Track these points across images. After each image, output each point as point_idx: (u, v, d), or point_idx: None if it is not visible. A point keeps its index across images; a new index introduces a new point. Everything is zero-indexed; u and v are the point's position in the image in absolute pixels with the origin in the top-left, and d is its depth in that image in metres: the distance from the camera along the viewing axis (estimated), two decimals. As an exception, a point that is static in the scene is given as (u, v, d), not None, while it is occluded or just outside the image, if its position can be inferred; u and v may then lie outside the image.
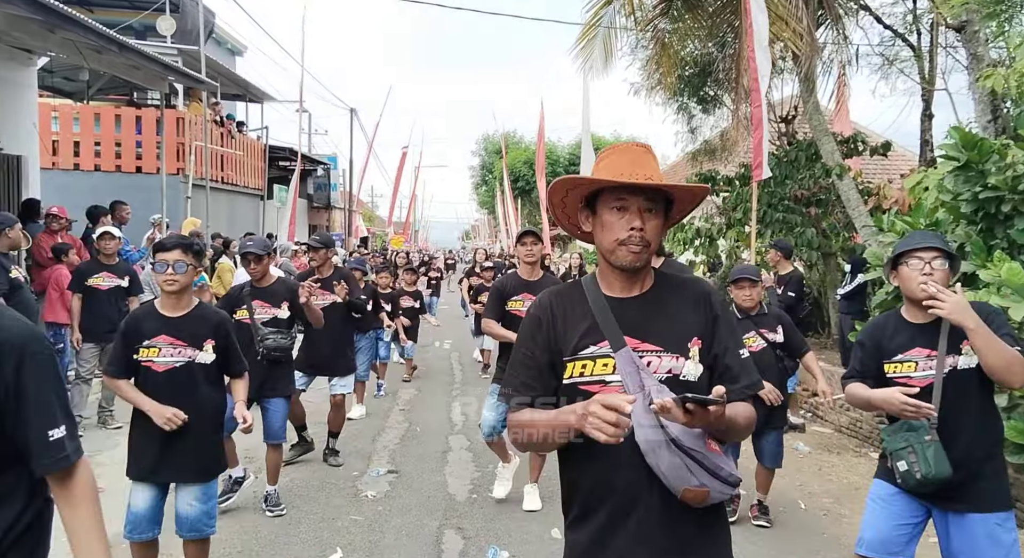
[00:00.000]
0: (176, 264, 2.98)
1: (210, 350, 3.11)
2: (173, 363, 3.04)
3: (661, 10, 10.86)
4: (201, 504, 3.12)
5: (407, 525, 4.43)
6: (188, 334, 3.07)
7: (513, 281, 4.69)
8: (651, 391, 1.58)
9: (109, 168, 12.55)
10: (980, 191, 4.95)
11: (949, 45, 10.05)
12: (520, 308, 4.52)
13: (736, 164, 12.12)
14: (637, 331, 1.67)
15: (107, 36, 7.02)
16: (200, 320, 3.13)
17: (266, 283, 4.64)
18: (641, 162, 1.67)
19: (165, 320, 3.07)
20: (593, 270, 1.86)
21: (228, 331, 3.22)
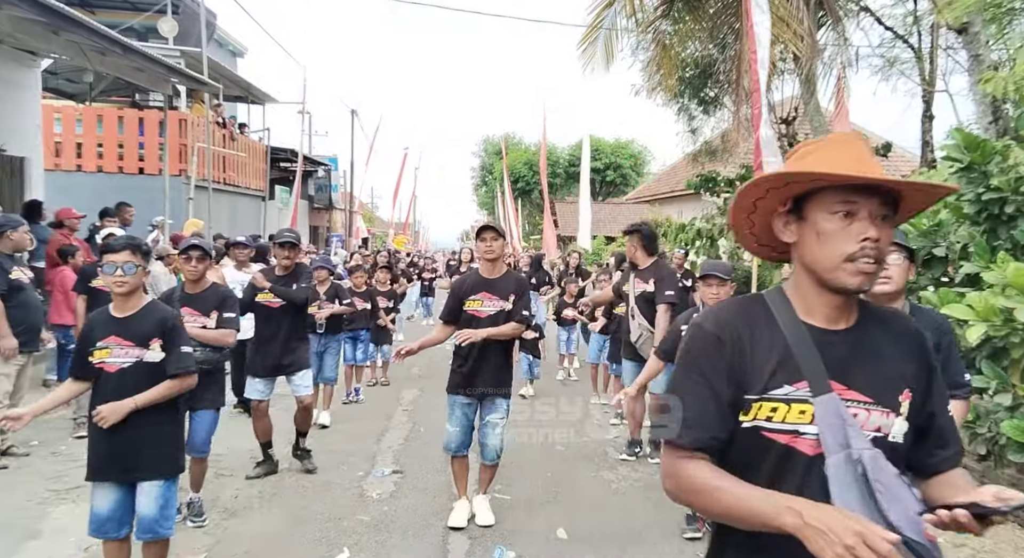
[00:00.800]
0: (125, 265, 3.01)
1: (157, 349, 3.10)
2: (122, 363, 3.05)
3: (662, 12, 10.91)
4: (155, 503, 3.10)
5: (413, 525, 4.45)
6: (136, 334, 3.08)
7: (472, 279, 4.43)
8: (862, 456, 1.26)
9: (112, 169, 12.57)
10: (983, 192, 4.97)
11: (949, 46, 10.10)
12: (479, 308, 4.32)
13: (737, 165, 12.15)
14: (844, 375, 1.34)
15: (111, 38, 7.05)
16: (148, 320, 3.13)
17: (200, 288, 4.34)
18: (867, 158, 1.33)
19: (116, 321, 3.09)
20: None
21: (173, 328, 3.17)
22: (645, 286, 5.56)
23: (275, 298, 5.10)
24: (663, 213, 22.66)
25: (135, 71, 8.57)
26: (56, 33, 6.94)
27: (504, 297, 4.33)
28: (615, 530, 4.44)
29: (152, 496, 3.08)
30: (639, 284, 5.62)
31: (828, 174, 1.30)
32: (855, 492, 1.25)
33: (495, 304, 4.32)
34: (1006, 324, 4.08)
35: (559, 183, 36.49)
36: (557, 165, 36.54)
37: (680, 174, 19.19)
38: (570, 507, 4.82)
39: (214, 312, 4.28)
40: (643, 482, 5.38)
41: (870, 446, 1.29)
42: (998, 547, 4.34)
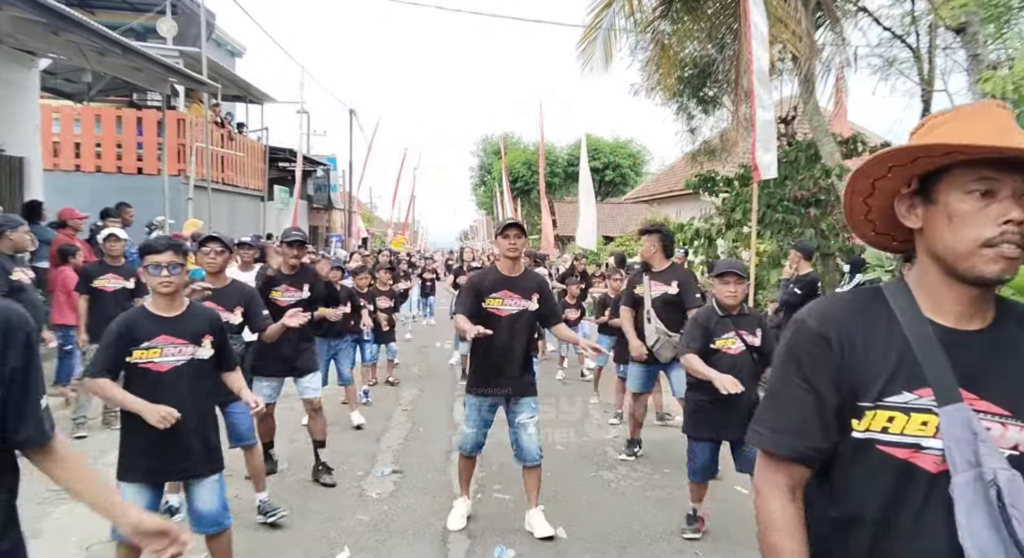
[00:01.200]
0: (170, 266, 3.03)
1: (208, 346, 3.17)
2: (175, 362, 3.08)
3: (660, 12, 10.92)
4: (217, 497, 3.17)
5: (413, 525, 4.46)
6: (188, 332, 3.13)
7: (492, 276, 4.31)
8: (997, 476, 1.10)
9: (110, 169, 12.58)
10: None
11: (947, 46, 10.12)
12: (499, 306, 4.21)
13: (735, 165, 12.16)
14: (976, 383, 1.17)
15: (110, 38, 7.06)
16: (197, 318, 3.20)
17: (221, 282, 4.38)
18: (1012, 129, 1.14)
19: (162, 320, 3.10)
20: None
21: (222, 327, 3.29)
22: (666, 288, 5.39)
23: (285, 297, 5.04)
24: (661, 213, 22.67)
25: (134, 71, 8.59)
26: (56, 33, 6.96)
27: (526, 296, 4.24)
28: (614, 530, 4.46)
29: (214, 491, 3.16)
30: (657, 286, 5.44)
31: (968, 145, 1.11)
32: (985, 518, 1.09)
33: (516, 303, 4.23)
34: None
35: (558, 183, 36.52)
36: (556, 165, 36.57)
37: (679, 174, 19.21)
38: (569, 507, 4.84)
39: (238, 308, 4.27)
40: (642, 482, 5.40)
41: (1006, 466, 1.11)
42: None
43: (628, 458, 5.85)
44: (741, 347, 4.08)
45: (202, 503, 3.15)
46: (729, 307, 4.12)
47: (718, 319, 4.11)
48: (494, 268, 4.40)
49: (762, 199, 9.79)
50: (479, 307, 4.20)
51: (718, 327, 4.10)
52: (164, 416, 2.93)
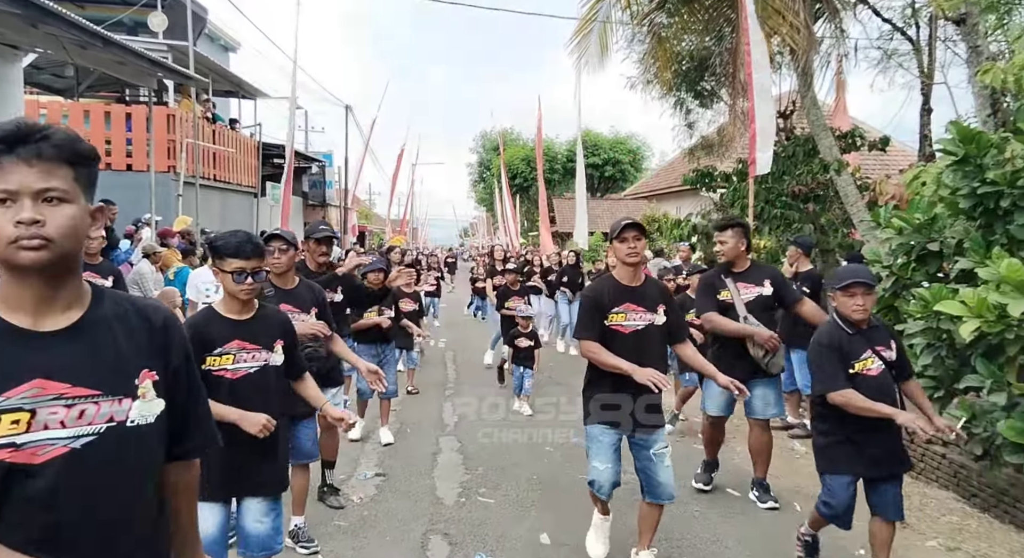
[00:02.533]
0: (256, 272, 2.87)
1: (280, 351, 2.97)
2: (248, 368, 2.88)
3: (657, 4, 10.75)
4: (271, 520, 2.97)
5: (392, 531, 4.33)
6: (260, 336, 2.93)
7: (610, 286, 3.74)
8: None
9: (99, 166, 12.40)
10: (978, 186, 4.83)
11: (948, 39, 9.95)
12: (623, 322, 3.65)
13: (733, 160, 12.01)
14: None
15: (90, 30, 6.91)
16: (268, 321, 3.01)
17: (289, 282, 4.01)
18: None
19: (235, 324, 2.91)
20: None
21: (293, 329, 3.09)
22: (759, 290, 4.74)
23: None
24: (660, 209, 22.52)
25: (118, 65, 8.43)
26: (35, 26, 6.80)
27: (651, 308, 3.70)
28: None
29: (272, 512, 2.95)
30: (747, 289, 4.75)
31: None
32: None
33: (642, 317, 3.68)
34: (1000, 320, 3.96)
35: (557, 179, 36.37)
36: (555, 161, 36.43)
37: (678, 170, 19.04)
38: (555, 511, 4.70)
39: (313, 309, 3.96)
40: (629, 486, 5.23)
41: None
42: (993, 550, 4.22)
43: (705, 488, 5.08)
44: (880, 366, 3.49)
45: (257, 523, 2.94)
46: (858, 322, 3.50)
47: (848, 338, 3.49)
48: (610, 277, 3.86)
49: (760, 194, 9.65)
50: (603, 325, 3.66)
51: (853, 348, 3.48)
52: (264, 424, 2.78)
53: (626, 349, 3.58)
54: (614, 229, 3.71)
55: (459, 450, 6.03)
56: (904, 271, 5.35)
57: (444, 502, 4.83)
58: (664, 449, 3.72)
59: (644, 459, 3.72)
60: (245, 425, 2.76)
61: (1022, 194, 4.63)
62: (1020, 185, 4.64)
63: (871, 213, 7.82)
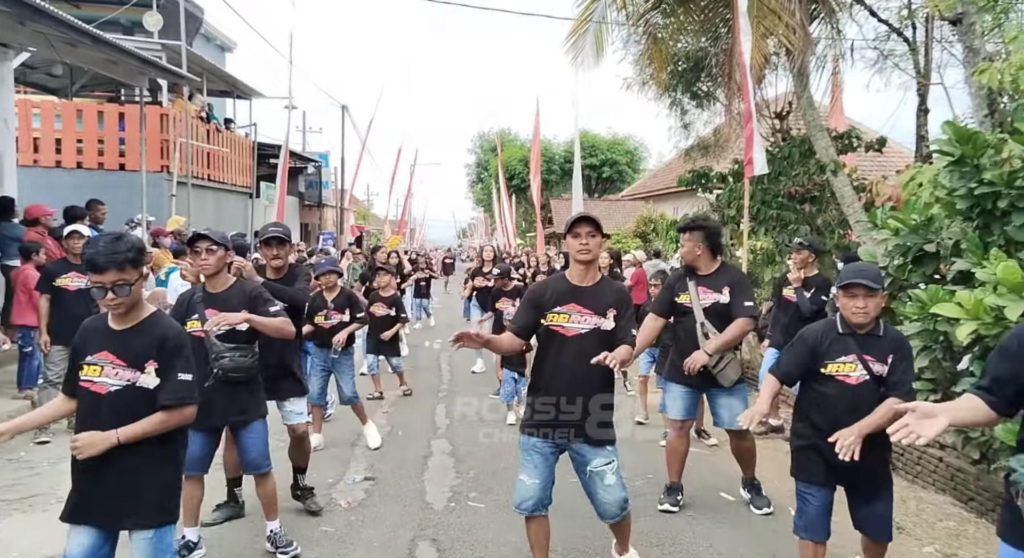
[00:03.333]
0: (117, 286, 2.49)
1: (152, 373, 2.59)
2: (112, 386, 2.57)
3: (653, 4, 10.70)
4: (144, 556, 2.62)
5: (379, 536, 4.25)
6: (129, 351, 2.58)
7: (557, 285, 3.46)
8: None
9: (92, 165, 12.34)
10: (976, 187, 4.77)
11: (944, 39, 9.91)
12: (565, 324, 3.35)
13: (730, 161, 11.96)
14: None
15: (79, 28, 6.83)
16: (144, 335, 2.61)
17: (221, 285, 3.75)
18: None
19: (111, 334, 2.61)
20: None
21: (174, 349, 2.63)
22: (717, 296, 4.54)
23: None
24: (658, 210, 22.47)
25: (109, 64, 8.35)
26: (22, 23, 6.72)
27: (600, 311, 3.35)
28: (593, 540, 4.24)
29: (141, 549, 2.61)
30: (707, 294, 4.58)
31: None
32: None
33: (587, 320, 3.35)
34: (997, 323, 3.90)
35: (555, 180, 36.31)
36: (553, 162, 36.37)
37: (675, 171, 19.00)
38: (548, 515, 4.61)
39: (244, 311, 3.64)
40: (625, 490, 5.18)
41: None
42: (989, 556, 4.15)
43: (672, 509, 4.70)
44: (863, 375, 3.15)
45: None
46: (857, 325, 3.19)
47: (836, 337, 3.24)
48: (560, 275, 3.53)
49: (756, 195, 9.60)
50: (537, 324, 3.39)
51: (833, 346, 3.23)
52: (77, 447, 2.49)
53: (568, 353, 3.33)
54: (566, 224, 3.39)
55: (450, 453, 5.96)
56: (901, 272, 5.30)
57: (434, 507, 4.76)
58: (605, 466, 3.37)
59: (583, 476, 3.45)
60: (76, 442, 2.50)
61: (1020, 195, 4.57)
62: (1018, 185, 4.58)
63: (868, 214, 7.77)
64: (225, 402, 3.71)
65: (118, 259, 2.48)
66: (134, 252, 2.53)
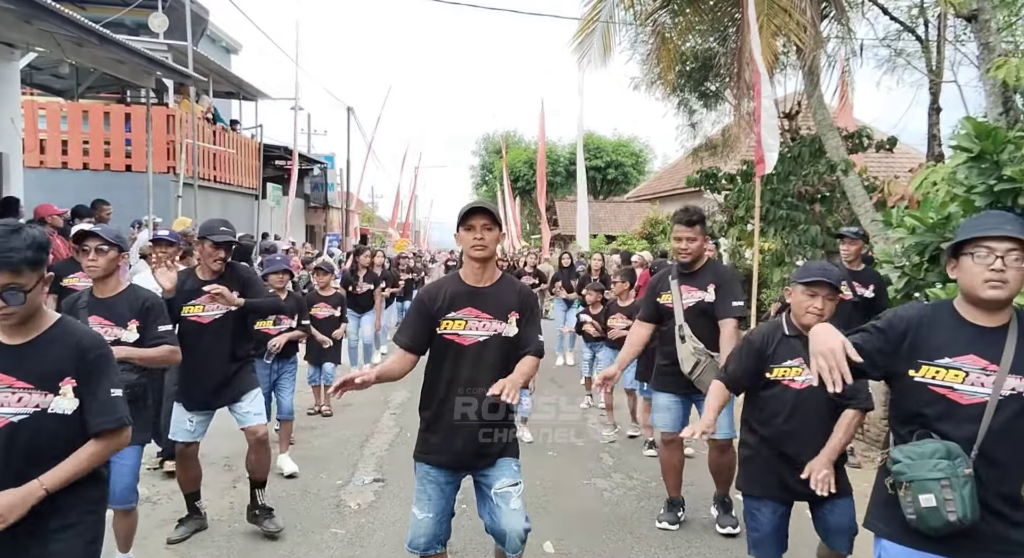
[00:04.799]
0: (8, 293, 1.96)
1: (70, 394, 2.08)
2: (12, 417, 2.03)
3: (661, 3, 10.64)
4: None
5: (390, 539, 4.18)
6: (33, 371, 2.05)
7: (450, 287, 2.97)
8: None
9: (98, 166, 12.34)
10: (995, 183, 4.70)
11: (957, 38, 9.83)
12: (460, 331, 2.89)
13: (738, 161, 11.89)
14: None
15: (86, 27, 6.79)
16: (53, 347, 2.09)
17: (110, 290, 3.27)
18: None
19: (3, 351, 2.06)
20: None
21: (98, 360, 2.14)
22: (702, 295, 4.18)
23: (207, 311, 3.99)
24: (664, 211, 22.39)
25: (115, 63, 8.32)
26: (28, 22, 6.69)
27: (500, 315, 2.91)
28: (606, 544, 4.17)
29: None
30: (691, 293, 4.21)
31: None
32: None
33: (485, 326, 2.90)
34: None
35: (559, 182, 36.28)
36: (558, 163, 36.33)
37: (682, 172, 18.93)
38: (559, 517, 4.55)
39: (133, 321, 3.22)
40: (637, 491, 5.11)
41: None
42: None
43: (671, 527, 4.42)
44: (808, 380, 2.90)
45: None
46: (806, 327, 2.88)
47: (782, 339, 3.02)
48: (455, 275, 3.06)
49: (765, 195, 9.51)
50: (430, 332, 2.91)
51: (780, 349, 3.00)
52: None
53: (465, 364, 2.87)
54: (459, 215, 2.92)
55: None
56: (917, 271, 5.21)
57: (444, 509, 4.68)
58: (511, 488, 2.93)
59: (485, 499, 3.00)
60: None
61: (1041, 191, 4.49)
62: (1039, 182, 4.50)
63: (883, 213, 7.68)
64: None
65: (13, 258, 1.94)
66: (33, 250, 1.97)
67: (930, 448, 2.05)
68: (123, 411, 2.18)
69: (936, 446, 2.04)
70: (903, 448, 2.13)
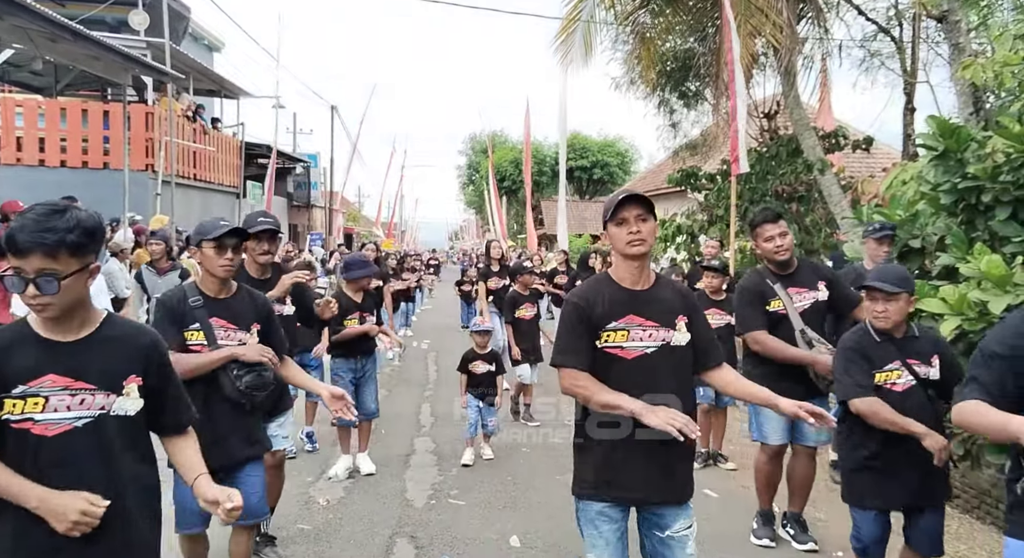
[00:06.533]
0: (43, 281, 1.74)
1: (134, 393, 1.92)
2: (70, 421, 1.84)
3: (641, 3, 10.69)
4: None
5: (357, 534, 4.19)
6: (95, 370, 1.87)
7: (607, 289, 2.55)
8: None
9: (76, 164, 12.21)
10: (960, 181, 4.76)
11: (931, 39, 9.94)
12: (624, 343, 2.47)
13: (718, 161, 11.96)
14: None
15: (59, 23, 6.74)
16: (113, 346, 1.92)
17: (226, 293, 3.09)
18: None
19: (50, 348, 1.84)
20: None
21: (163, 357, 2.04)
22: (815, 294, 3.95)
23: None
24: (648, 211, 22.42)
25: (91, 60, 8.27)
26: (0, 18, 6.63)
27: (666, 321, 2.50)
28: (570, 538, 4.17)
29: None
30: (801, 294, 3.94)
31: None
32: None
33: (653, 335, 2.48)
34: (981, 318, 3.86)
35: (545, 181, 36.32)
36: (544, 163, 36.36)
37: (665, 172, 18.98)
38: (527, 512, 4.57)
39: (255, 325, 3.07)
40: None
41: None
42: (974, 553, 4.13)
43: (770, 545, 4.10)
44: (910, 381, 3.00)
45: None
46: (884, 330, 3.03)
47: (875, 344, 3.06)
48: (605, 276, 2.62)
49: (744, 195, 9.59)
50: (594, 346, 2.46)
51: (878, 355, 3.04)
52: (77, 520, 1.79)
53: (630, 381, 2.42)
54: (607, 208, 2.50)
55: (433, 451, 5.90)
56: (885, 268, 5.27)
57: (414, 504, 4.70)
58: (686, 531, 2.50)
59: (655, 542, 2.52)
60: (49, 516, 1.77)
61: (1003, 189, 4.55)
62: (1001, 180, 4.56)
63: (853, 211, 7.76)
64: (240, 432, 3.01)
65: (48, 240, 1.72)
66: (76, 234, 1.76)
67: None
68: (192, 412, 2.15)
69: None
70: None
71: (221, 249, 2.99)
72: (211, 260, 3.00)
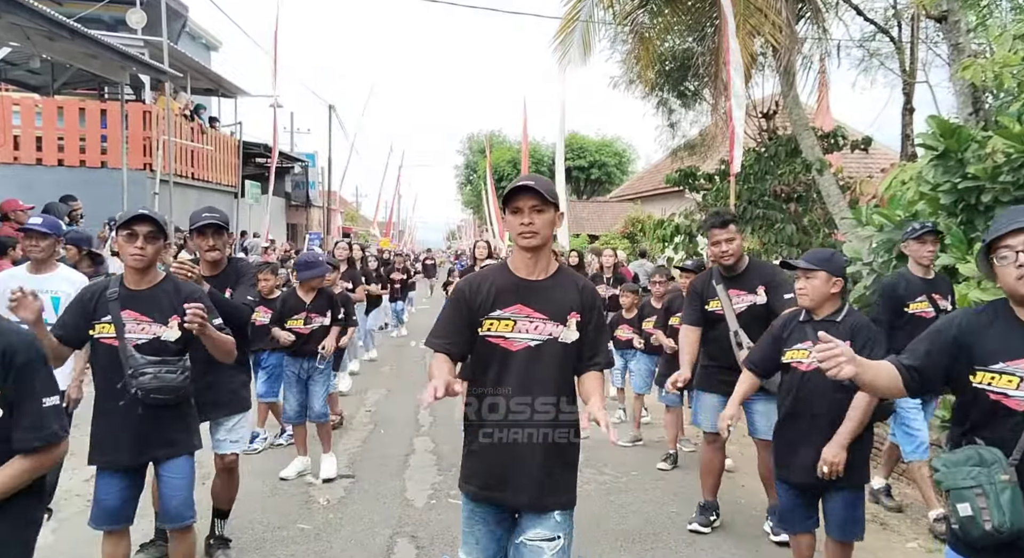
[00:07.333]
0: None
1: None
2: None
3: (640, 3, 10.68)
4: None
5: (357, 534, 4.17)
6: None
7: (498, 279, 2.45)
8: None
9: (73, 163, 12.19)
10: (959, 181, 4.77)
11: (930, 39, 9.95)
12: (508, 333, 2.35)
13: (717, 161, 11.96)
14: None
15: (56, 21, 6.72)
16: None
17: (145, 284, 2.91)
18: None
19: None
20: None
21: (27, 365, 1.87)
22: (752, 298, 4.03)
23: None
24: (646, 211, 22.48)
25: (88, 58, 8.24)
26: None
27: (557, 316, 2.36)
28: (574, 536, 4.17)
29: None
30: (741, 297, 4.05)
31: None
32: None
33: (540, 327, 2.35)
34: (982, 318, 3.86)
35: (543, 181, 36.33)
36: (542, 163, 36.38)
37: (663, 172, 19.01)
38: None
39: (174, 317, 2.86)
40: (608, 485, 5.14)
41: None
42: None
43: (703, 530, 4.24)
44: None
45: None
46: (807, 309, 3.09)
47: (797, 324, 3.11)
48: (502, 265, 2.52)
49: (742, 195, 9.59)
50: (473, 335, 2.37)
51: (793, 334, 3.10)
52: None
53: (512, 373, 2.34)
54: (503, 197, 2.37)
55: (432, 451, 5.89)
56: (886, 268, 5.28)
57: (414, 504, 4.68)
58: (543, 542, 2.32)
59: (512, 546, 2.38)
60: None
61: (1003, 189, 4.57)
62: (1001, 180, 4.58)
63: (852, 211, 7.75)
64: (147, 432, 2.88)
65: None
66: None
67: (964, 455, 1.99)
68: (58, 425, 1.92)
69: (970, 453, 1.97)
70: (942, 456, 2.06)
71: (131, 237, 2.80)
72: (123, 248, 2.84)
